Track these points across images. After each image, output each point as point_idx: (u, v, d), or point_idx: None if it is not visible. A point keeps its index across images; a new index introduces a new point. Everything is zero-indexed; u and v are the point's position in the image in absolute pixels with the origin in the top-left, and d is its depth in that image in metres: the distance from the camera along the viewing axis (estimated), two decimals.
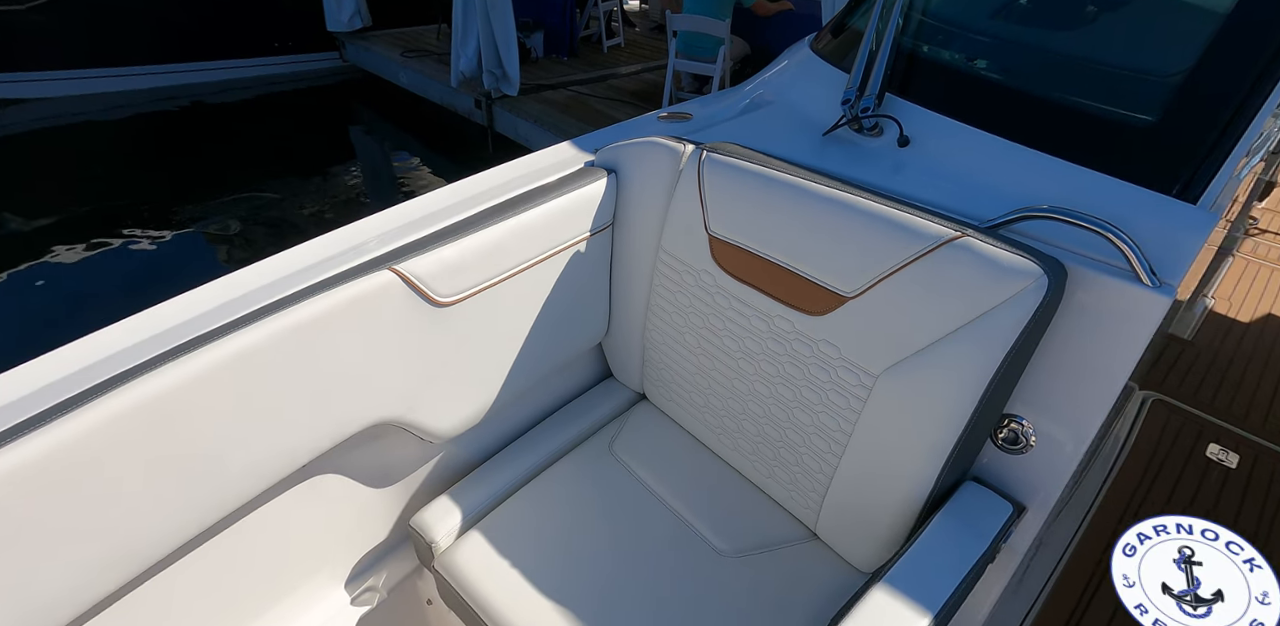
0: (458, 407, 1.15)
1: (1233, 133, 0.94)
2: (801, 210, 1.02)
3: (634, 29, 7.30)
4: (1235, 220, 2.66)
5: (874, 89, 1.18)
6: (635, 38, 7.00)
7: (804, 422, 1.08)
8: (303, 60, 6.59)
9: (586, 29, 6.67)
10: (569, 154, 1.29)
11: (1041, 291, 0.83)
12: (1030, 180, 1.03)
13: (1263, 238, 3.64)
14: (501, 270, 1.10)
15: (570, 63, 5.98)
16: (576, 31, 6.17)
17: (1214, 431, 2.25)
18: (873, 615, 0.81)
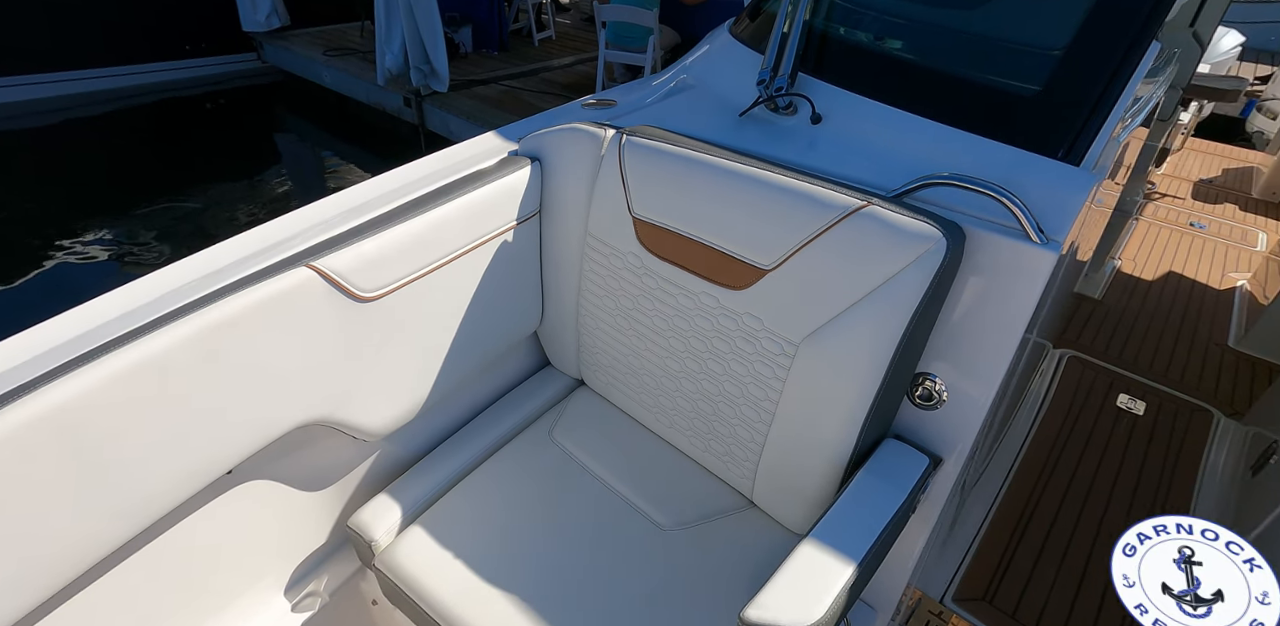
0: (390, 404, 1.13)
1: (1107, 99, 1.00)
2: (719, 188, 1.04)
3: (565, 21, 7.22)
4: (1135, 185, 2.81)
5: (786, 69, 1.21)
6: (567, 30, 6.92)
7: (734, 394, 1.11)
8: (217, 62, 6.28)
9: (516, 22, 6.56)
10: (493, 144, 1.28)
11: (941, 253, 0.87)
12: (933, 150, 1.07)
13: (1162, 201, 3.86)
14: (426, 263, 1.08)
15: (501, 57, 5.87)
16: (506, 25, 6.06)
17: (1123, 382, 2.38)
18: (801, 569, 0.84)
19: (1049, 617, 1.61)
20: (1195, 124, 4.89)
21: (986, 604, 1.63)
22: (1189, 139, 4.87)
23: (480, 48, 5.97)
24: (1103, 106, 1.00)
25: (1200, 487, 2.00)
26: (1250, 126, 5.32)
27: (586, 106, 1.44)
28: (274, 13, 6.06)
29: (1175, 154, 4.58)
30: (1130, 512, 1.91)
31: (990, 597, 1.64)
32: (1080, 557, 1.76)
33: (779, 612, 0.79)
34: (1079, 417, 2.21)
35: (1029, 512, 1.87)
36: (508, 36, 6.11)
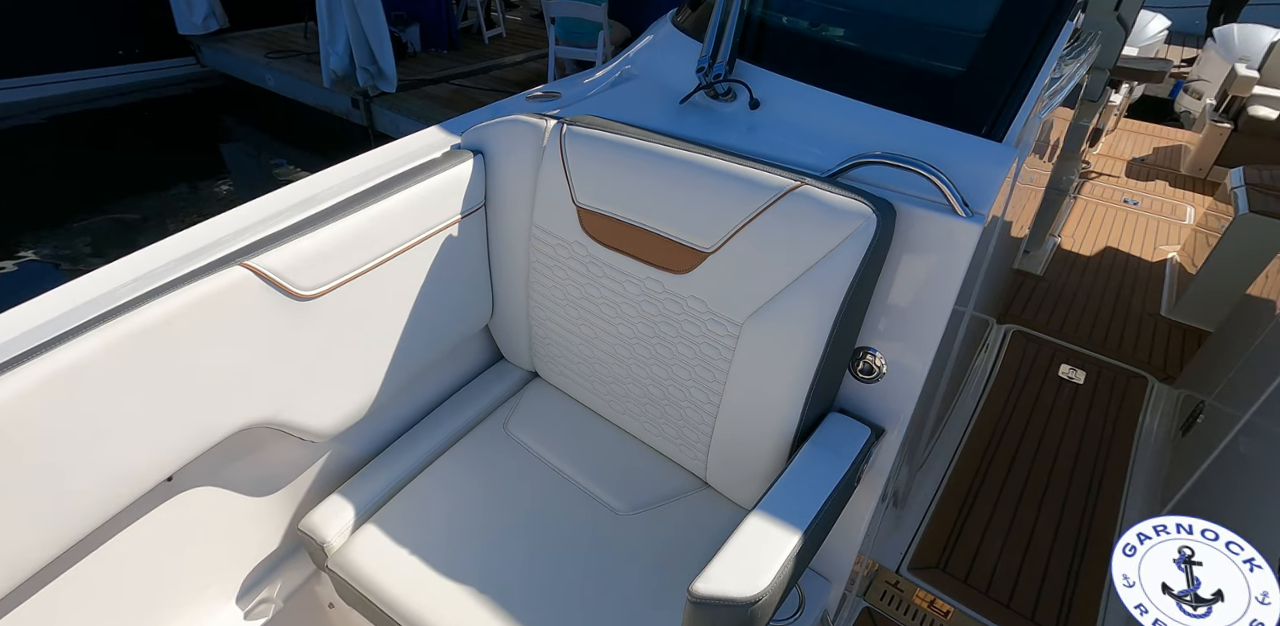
0: (337, 404, 1.12)
1: (1026, 78, 1.05)
2: (658, 174, 1.06)
3: (515, 18, 7.16)
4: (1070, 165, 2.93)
5: (725, 57, 1.23)
6: (517, 27, 6.86)
7: (683, 377, 1.13)
8: (154, 68, 6.05)
9: (465, 20, 6.48)
10: (436, 138, 1.27)
11: (872, 229, 0.90)
12: (867, 131, 1.10)
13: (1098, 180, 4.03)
14: (368, 259, 1.07)
15: (451, 55, 5.79)
16: (454, 23, 5.98)
17: (1065, 354, 2.49)
18: (748, 542, 0.86)
19: (999, 579, 1.68)
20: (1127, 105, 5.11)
21: (940, 571, 1.69)
22: (1122, 119, 5.08)
23: (429, 47, 5.89)
24: (1021, 85, 1.04)
25: (1137, 449, 2.11)
26: (1178, 107, 5.57)
27: (531, 99, 1.44)
28: (211, 15, 5.87)
29: (1109, 134, 4.77)
30: (1073, 476, 2.00)
31: (944, 565, 1.71)
32: (1027, 521, 1.84)
33: (725, 584, 0.80)
34: (1023, 389, 2.31)
35: (978, 481, 1.95)
36: (457, 35, 6.04)
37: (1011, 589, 1.66)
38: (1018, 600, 1.64)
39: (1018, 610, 1.62)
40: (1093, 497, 1.93)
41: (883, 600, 1.62)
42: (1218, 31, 5.29)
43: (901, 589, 1.65)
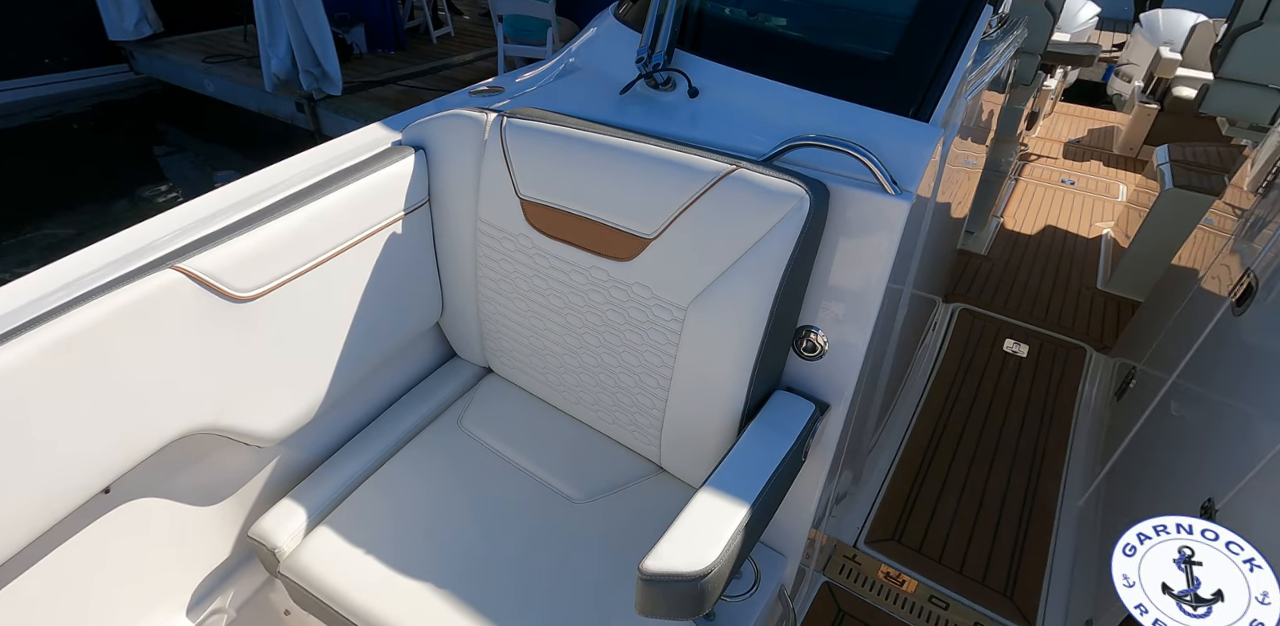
0: (283, 406, 1.10)
1: (949, 61, 1.09)
2: (599, 163, 1.07)
3: (463, 16, 7.07)
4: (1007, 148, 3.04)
5: (663, 46, 1.25)
6: (466, 26, 6.78)
7: (632, 364, 1.15)
8: (84, 76, 5.80)
9: (412, 20, 6.37)
10: (376, 135, 1.26)
11: (805, 210, 0.93)
12: (802, 115, 1.13)
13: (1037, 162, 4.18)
14: (308, 259, 1.06)
15: (399, 56, 5.70)
16: (400, 23, 5.88)
17: (1009, 329, 2.59)
18: (696, 519, 0.88)
19: (952, 546, 1.75)
20: (1062, 89, 5.31)
21: (896, 543, 1.75)
22: (1058, 103, 5.27)
23: (376, 48, 5.78)
24: (945, 68, 1.08)
25: (1078, 416, 2.20)
26: (1110, 90, 5.80)
27: (475, 94, 1.45)
28: (144, 20, 5.65)
29: (1047, 117, 4.95)
30: (1019, 444, 2.09)
31: (899, 536, 1.77)
32: (977, 489, 1.91)
33: (675, 560, 0.82)
34: (970, 364, 2.39)
35: (930, 455, 2.02)
36: (404, 35, 5.94)
37: (963, 555, 1.73)
38: (969, 565, 1.71)
39: (969, 575, 1.68)
40: (1037, 463, 2.02)
41: (842, 574, 1.67)
42: (1144, 17, 5.52)
43: (859, 562, 1.71)
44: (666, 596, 0.82)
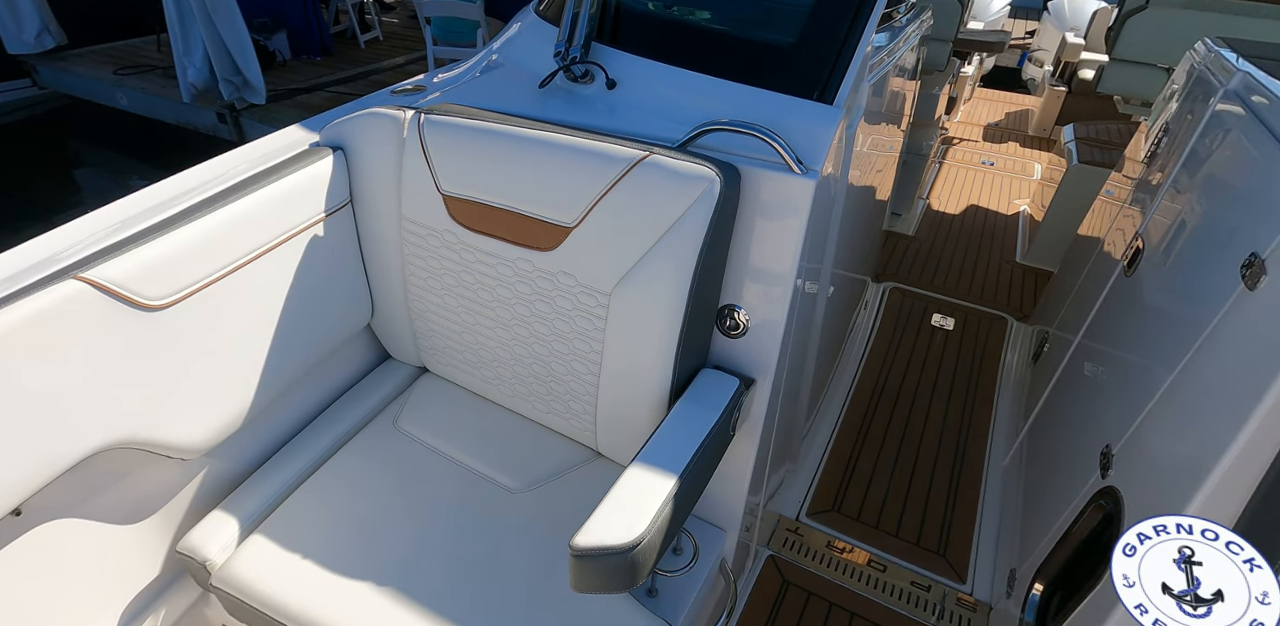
0: (205, 417, 1.08)
1: (849, 46, 1.14)
2: (516, 155, 1.08)
3: (392, 20, 6.94)
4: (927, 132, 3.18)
5: (580, 40, 1.27)
6: (395, 29, 6.66)
7: (563, 352, 1.16)
8: None
9: (338, 24, 6.22)
10: (293, 137, 1.25)
11: (716, 191, 0.96)
12: (715, 102, 1.17)
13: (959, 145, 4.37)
14: (224, 264, 1.04)
15: (325, 62, 5.56)
16: (325, 28, 5.73)
17: (936, 304, 2.71)
18: (624, 494, 0.90)
19: (888, 511, 1.83)
20: (980, 75, 5.55)
21: (836, 513, 1.82)
22: (977, 89, 5.52)
23: (301, 54, 5.62)
24: (845, 52, 1.13)
25: (1001, 381, 2.33)
26: (1025, 75, 6.09)
27: (396, 93, 1.45)
28: (45, 31, 5.34)
29: (967, 103, 5.17)
30: (947, 411, 2.19)
31: (838, 507, 1.84)
32: (909, 457, 2.00)
33: (604, 535, 0.83)
34: (901, 339, 2.50)
35: (866, 427, 2.10)
36: (330, 40, 5.79)
37: (899, 519, 1.81)
38: (905, 529, 1.79)
39: (905, 538, 1.77)
40: (965, 428, 2.12)
41: (786, 547, 1.73)
42: (1051, 5, 5.81)
43: (802, 534, 1.77)
44: (599, 570, 0.84)
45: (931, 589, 1.66)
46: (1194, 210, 1.29)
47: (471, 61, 1.54)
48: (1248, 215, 1.04)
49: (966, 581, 1.67)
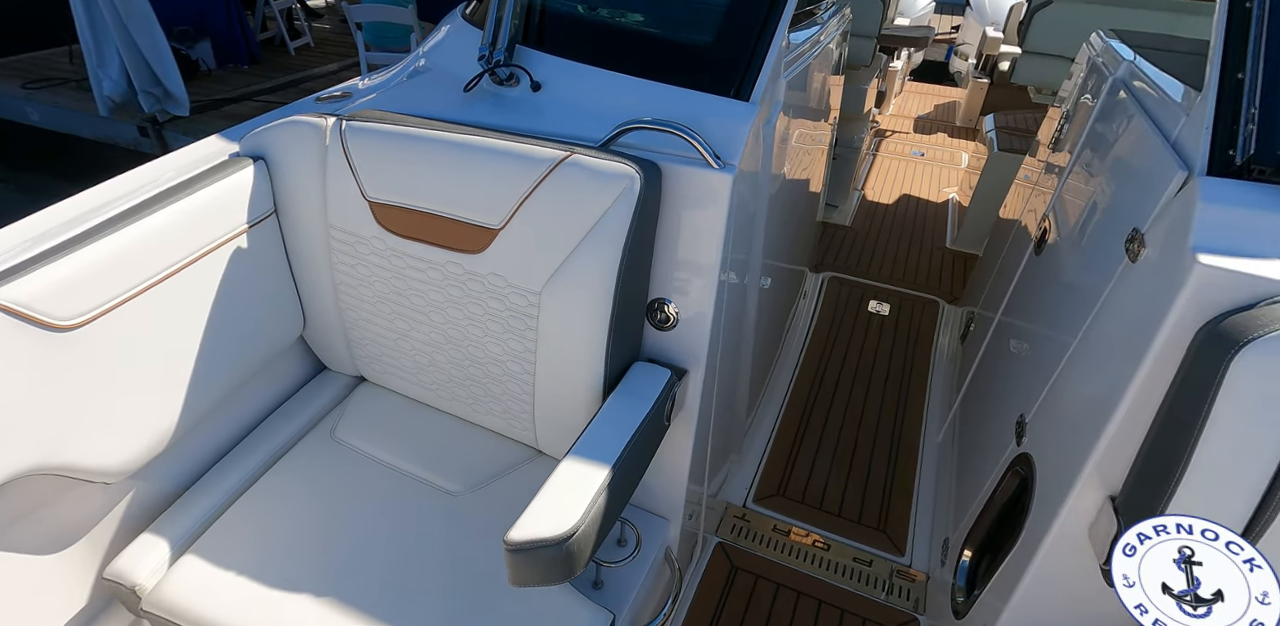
0: (129, 438, 1.05)
1: (762, 44, 1.17)
2: (440, 159, 1.09)
3: (324, 26, 6.76)
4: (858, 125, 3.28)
5: (504, 43, 1.27)
6: (327, 35, 6.49)
7: (497, 353, 1.17)
8: None
9: (266, 31, 6.03)
10: (213, 148, 1.23)
11: (637, 189, 0.99)
12: (637, 102, 1.19)
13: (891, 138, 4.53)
14: (141, 280, 1.01)
15: (254, 70, 5.38)
16: (251, 35, 5.54)
17: (871, 291, 2.81)
18: (557, 487, 0.91)
19: (830, 492, 1.89)
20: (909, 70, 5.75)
21: (781, 497, 1.87)
22: (907, 83, 5.71)
23: (227, 63, 5.42)
24: (759, 50, 1.16)
25: (934, 362, 2.42)
26: (952, 68, 6.33)
27: (321, 100, 1.44)
28: None
29: (898, 96, 5.35)
30: (885, 393, 2.27)
31: (783, 491, 1.89)
32: (850, 438, 2.07)
33: (538, 528, 0.85)
34: (840, 326, 2.58)
35: (808, 412, 2.16)
36: (257, 48, 5.61)
37: (841, 499, 1.87)
38: (847, 508, 1.85)
39: (847, 516, 1.83)
40: (902, 408, 2.21)
41: (734, 533, 1.77)
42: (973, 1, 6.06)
43: (749, 520, 1.81)
44: (535, 563, 0.85)
45: (873, 563, 1.72)
46: (1089, 192, 1.38)
47: (399, 67, 1.54)
48: (1131, 194, 1.11)
49: (905, 554, 1.74)
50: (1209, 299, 0.81)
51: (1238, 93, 0.90)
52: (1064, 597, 1.07)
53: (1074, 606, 1.07)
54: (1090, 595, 1.04)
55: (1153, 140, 1.09)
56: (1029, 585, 1.08)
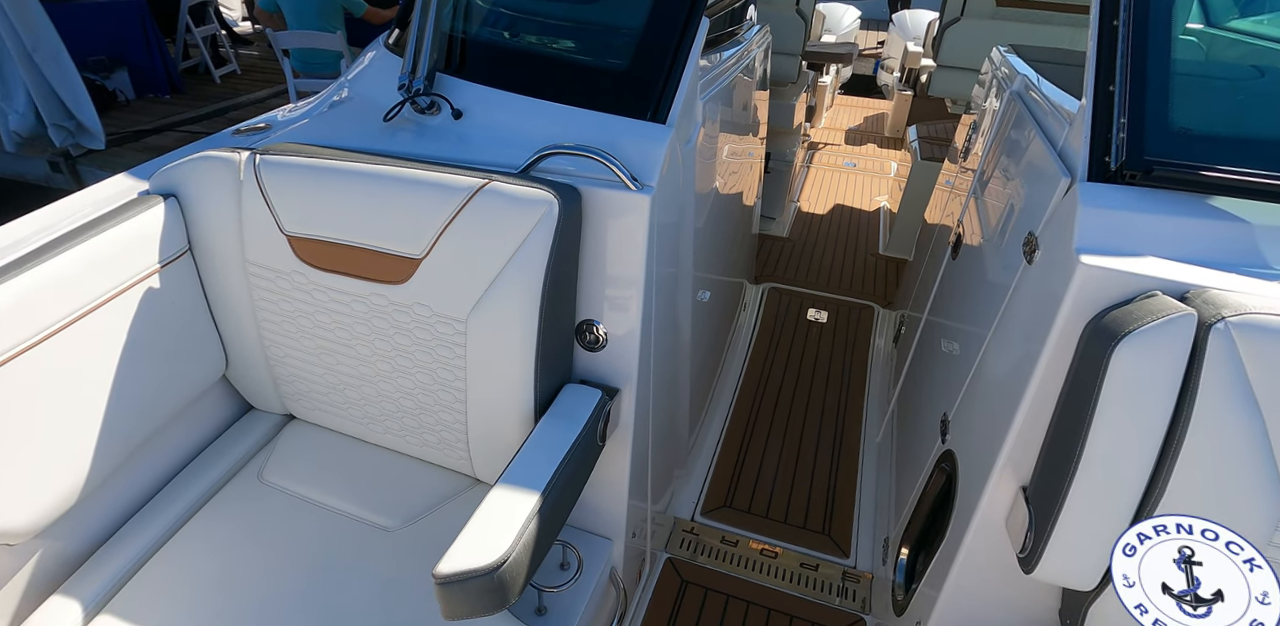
0: (32, 496, 0.99)
1: (676, 68, 1.20)
2: (358, 191, 1.08)
3: (252, 52, 6.61)
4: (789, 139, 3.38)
5: (423, 71, 1.27)
6: (255, 61, 6.35)
7: (428, 383, 1.16)
8: None
9: (188, 59, 5.86)
10: (122, 186, 1.20)
11: (556, 214, 1.00)
12: (557, 127, 1.20)
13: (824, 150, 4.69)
14: (42, 327, 0.97)
15: (176, 100, 5.21)
16: (172, 63, 5.38)
17: (810, 300, 2.88)
18: (489, 516, 0.89)
19: (776, 500, 1.91)
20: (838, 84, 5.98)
21: (729, 509, 1.88)
22: (838, 96, 5.93)
23: (147, 92, 5.24)
24: (674, 74, 1.19)
25: (871, 365, 2.49)
26: (879, 81, 6.62)
27: (239, 133, 1.41)
28: None
29: (829, 110, 5.55)
30: (825, 399, 2.32)
31: (730, 502, 1.90)
32: (793, 446, 2.10)
33: (467, 559, 0.82)
34: (780, 335, 2.63)
35: (752, 422, 2.19)
36: (179, 76, 5.44)
37: (786, 507, 1.89)
38: (792, 514, 1.87)
39: (793, 523, 1.85)
40: (842, 413, 2.25)
41: (683, 548, 1.77)
42: (895, 17, 6.35)
43: (698, 534, 1.81)
44: (466, 595, 0.83)
45: (819, 567, 1.74)
46: (994, 198, 1.46)
47: (321, 96, 1.52)
48: (1027, 199, 1.18)
49: (850, 555, 1.77)
50: (1092, 296, 0.87)
51: (1109, 104, 0.97)
52: (991, 583, 1.11)
53: (1001, 591, 1.11)
54: (1014, 581, 1.08)
55: (1043, 148, 1.16)
56: (957, 575, 1.11)
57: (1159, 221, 0.89)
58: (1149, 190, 0.92)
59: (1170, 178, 0.90)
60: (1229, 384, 0.74)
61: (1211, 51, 1.48)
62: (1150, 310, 0.77)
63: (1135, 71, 0.97)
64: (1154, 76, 0.96)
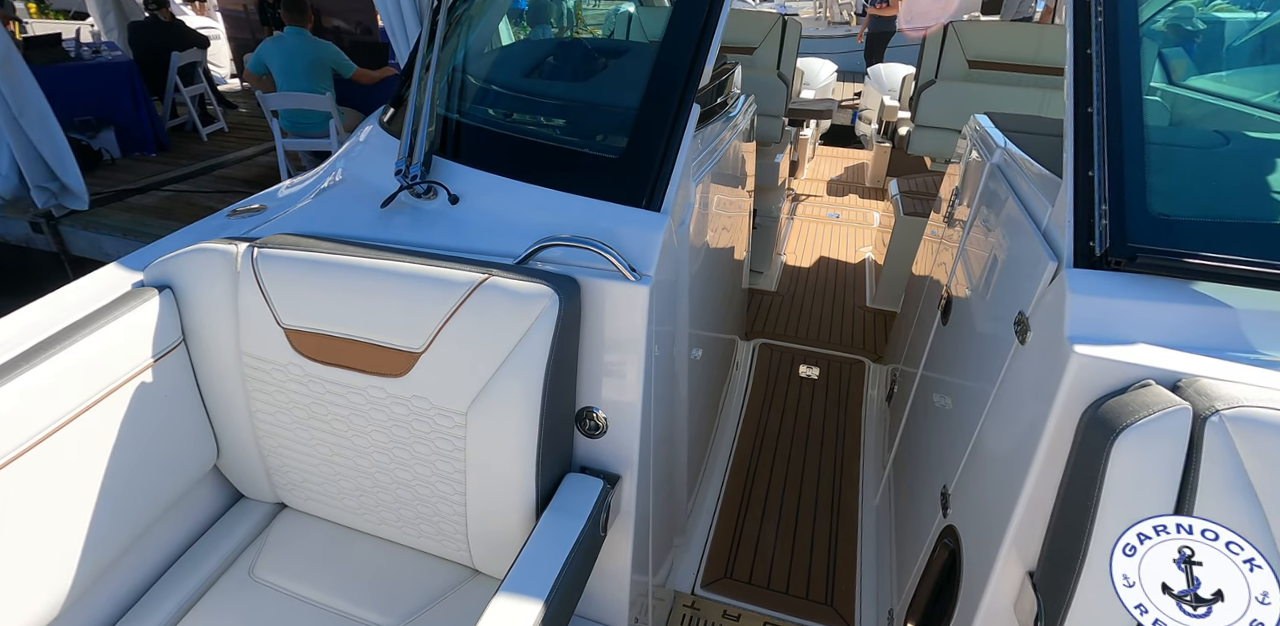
0: (17, 606, 0.94)
1: (669, 156, 1.20)
2: (356, 285, 1.08)
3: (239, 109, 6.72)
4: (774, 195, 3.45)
5: (420, 157, 1.28)
6: (243, 119, 6.44)
7: (426, 474, 1.14)
8: None
9: (176, 117, 5.93)
10: (113, 278, 1.19)
11: (556, 307, 1.00)
12: (554, 215, 1.21)
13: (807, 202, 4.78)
14: (33, 434, 0.94)
15: (162, 159, 5.24)
16: (159, 122, 5.44)
17: (801, 355, 2.87)
18: (496, 615, 0.87)
19: (776, 571, 1.84)
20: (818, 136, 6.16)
21: (729, 580, 1.80)
22: (819, 148, 6.11)
23: (133, 151, 5.27)
24: (666, 162, 1.20)
25: (865, 423, 2.46)
26: (858, 131, 6.84)
27: (234, 215, 1.41)
28: None
29: (811, 161, 5.71)
30: (821, 460, 2.27)
31: (730, 573, 1.83)
32: (791, 510, 2.04)
33: None
34: (773, 393, 2.60)
35: (749, 488, 2.13)
36: (165, 135, 5.49)
37: (787, 577, 1.82)
38: (794, 585, 1.80)
39: (795, 594, 1.77)
40: (838, 474, 2.20)
41: (684, 623, 1.68)
42: (871, 70, 6.63)
43: (698, 608, 1.73)
44: None
45: None
46: (981, 270, 1.47)
47: (315, 175, 1.53)
48: (1014, 277, 1.19)
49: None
50: (1088, 384, 0.86)
51: (1090, 189, 0.99)
52: None
53: None
54: None
55: (1026, 228, 1.17)
56: None
57: (1147, 308, 0.90)
58: (1135, 275, 0.92)
59: (1155, 264, 0.91)
60: (1228, 477, 0.73)
61: (1176, 111, 1.53)
62: (1145, 403, 0.77)
63: (1114, 158, 0.99)
64: (1131, 163, 0.98)
